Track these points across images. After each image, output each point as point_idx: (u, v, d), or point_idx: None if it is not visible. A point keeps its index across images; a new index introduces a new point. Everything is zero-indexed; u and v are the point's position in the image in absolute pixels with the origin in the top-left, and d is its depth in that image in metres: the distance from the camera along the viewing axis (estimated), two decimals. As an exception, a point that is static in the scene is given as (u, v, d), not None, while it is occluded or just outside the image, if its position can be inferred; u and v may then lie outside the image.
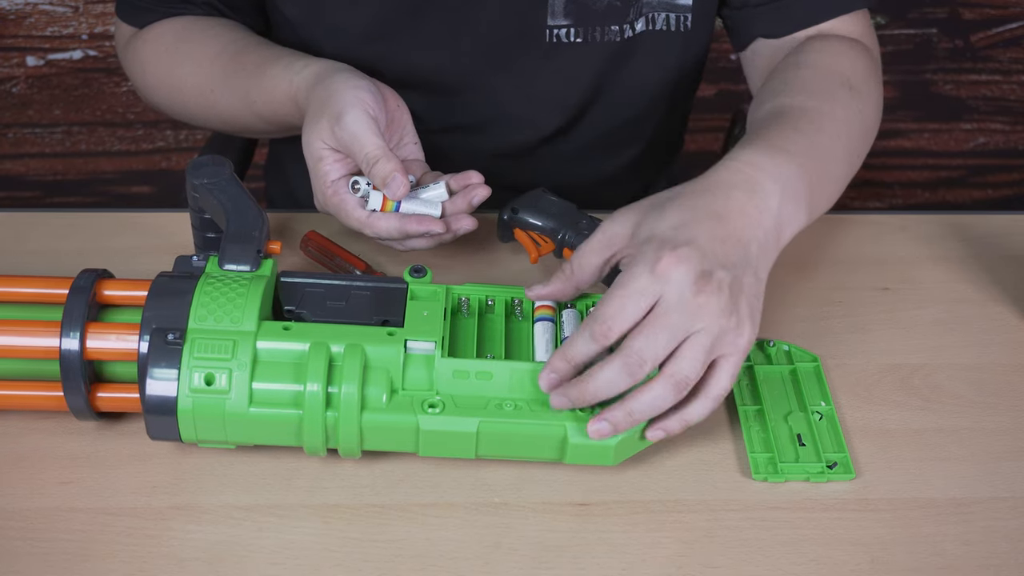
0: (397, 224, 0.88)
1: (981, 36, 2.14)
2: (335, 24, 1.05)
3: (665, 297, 0.75)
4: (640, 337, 0.75)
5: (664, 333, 0.75)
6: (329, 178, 0.90)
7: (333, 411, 0.75)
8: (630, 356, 0.74)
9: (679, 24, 1.07)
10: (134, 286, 0.80)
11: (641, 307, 0.75)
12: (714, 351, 0.76)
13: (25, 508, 0.77)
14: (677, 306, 0.75)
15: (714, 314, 0.75)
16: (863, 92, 0.99)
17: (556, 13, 1.05)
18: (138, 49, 1.09)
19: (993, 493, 0.81)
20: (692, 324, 0.75)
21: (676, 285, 0.75)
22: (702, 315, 0.75)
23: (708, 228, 0.79)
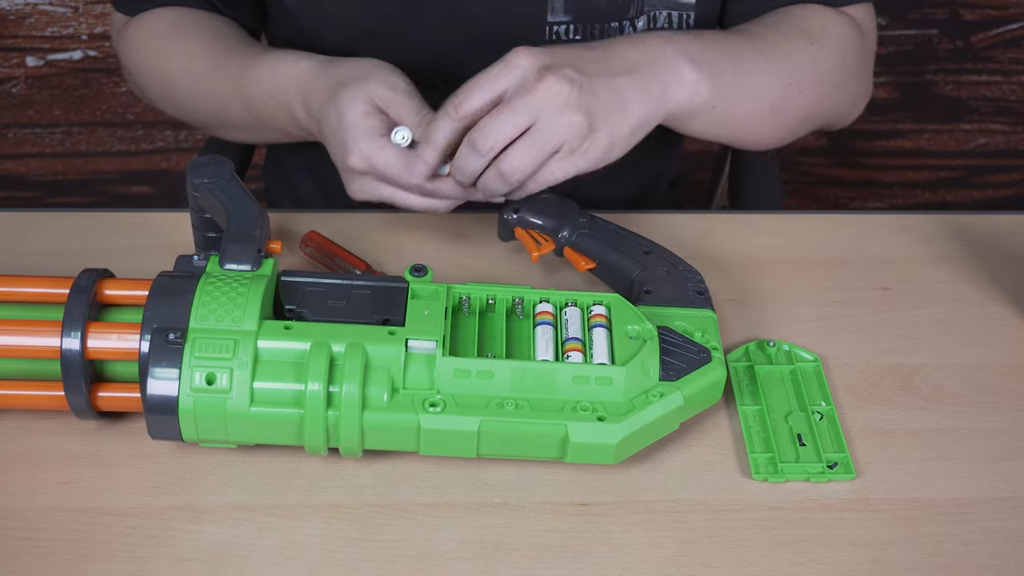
0: (462, 193, 0.88)
1: (981, 37, 2.14)
2: (336, 16, 1.05)
3: (511, 84, 0.83)
4: (485, 119, 0.83)
5: (505, 113, 0.82)
6: (380, 132, 0.88)
7: (334, 410, 0.75)
8: (474, 132, 0.82)
9: (681, 22, 1.07)
10: (135, 286, 0.80)
11: (487, 94, 0.84)
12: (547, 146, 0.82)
13: (25, 508, 0.77)
14: (519, 90, 0.82)
15: (553, 103, 0.82)
16: (824, 46, 1.03)
17: (556, 9, 1.05)
18: (131, 35, 1.09)
19: (993, 493, 0.81)
20: (532, 107, 0.82)
21: (520, 71, 0.83)
22: (541, 100, 0.82)
23: (579, 50, 0.87)
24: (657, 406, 0.79)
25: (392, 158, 0.87)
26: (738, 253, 1.01)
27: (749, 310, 0.95)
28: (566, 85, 0.83)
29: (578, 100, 0.83)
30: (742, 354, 0.91)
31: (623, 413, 0.78)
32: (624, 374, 0.78)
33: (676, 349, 0.82)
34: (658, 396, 0.79)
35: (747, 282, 0.98)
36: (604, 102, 0.85)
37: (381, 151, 0.87)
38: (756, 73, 0.98)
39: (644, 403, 0.78)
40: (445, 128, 0.85)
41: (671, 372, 0.81)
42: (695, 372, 0.81)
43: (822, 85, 1.03)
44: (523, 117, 0.83)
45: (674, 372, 0.81)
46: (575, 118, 0.83)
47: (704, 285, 0.89)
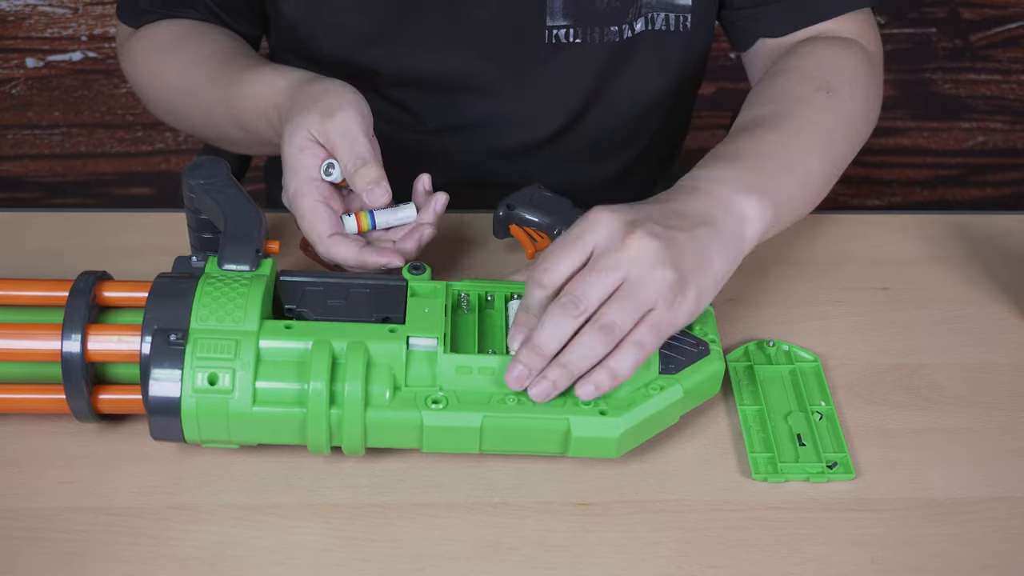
0: (356, 255, 0.86)
1: (980, 36, 2.14)
2: (335, 23, 1.05)
3: (597, 243, 0.79)
4: (574, 281, 0.78)
5: (594, 274, 0.78)
6: (307, 173, 0.87)
7: (337, 409, 0.75)
8: (563, 296, 0.78)
9: (679, 24, 1.07)
10: (134, 287, 0.80)
11: (576, 256, 0.79)
12: (644, 300, 0.78)
13: (25, 508, 0.77)
14: (607, 249, 0.79)
15: (644, 259, 0.78)
16: (841, 91, 0.99)
17: (555, 13, 1.05)
18: (133, 47, 1.09)
19: (993, 493, 0.81)
20: (622, 266, 0.78)
21: (606, 229, 0.79)
22: (628, 253, 0.78)
23: (654, 206, 0.83)
24: (657, 399, 0.79)
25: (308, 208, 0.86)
26: (738, 253, 1.01)
27: (749, 310, 0.95)
28: (654, 241, 0.79)
29: (666, 255, 0.79)
30: (742, 354, 0.91)
31: (624, 407, 0.78)
32: (624, 369, 0.78)
33: (675, 343, 0.83)
34: (658, 389, 0.79)
35: (747, 282, 0.98)
36: (690, 256, 0.81)
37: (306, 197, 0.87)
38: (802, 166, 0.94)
39: (644, 396, 0.79)
40: (539, 298, 0.80)
41: (670, 365, 0.81)
42: (694, 365, 0.81)
43: (854, 128, 1.01)
44: (616, 276, 0.78)
45: (673, 365, 0.81)
46: (666, 273, 0.79)
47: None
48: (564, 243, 0.80)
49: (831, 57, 1.03)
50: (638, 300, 0.77)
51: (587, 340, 0.77)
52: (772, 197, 0.87)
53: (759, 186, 0.87)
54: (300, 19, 1.07)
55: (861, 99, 1.02)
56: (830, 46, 1.05)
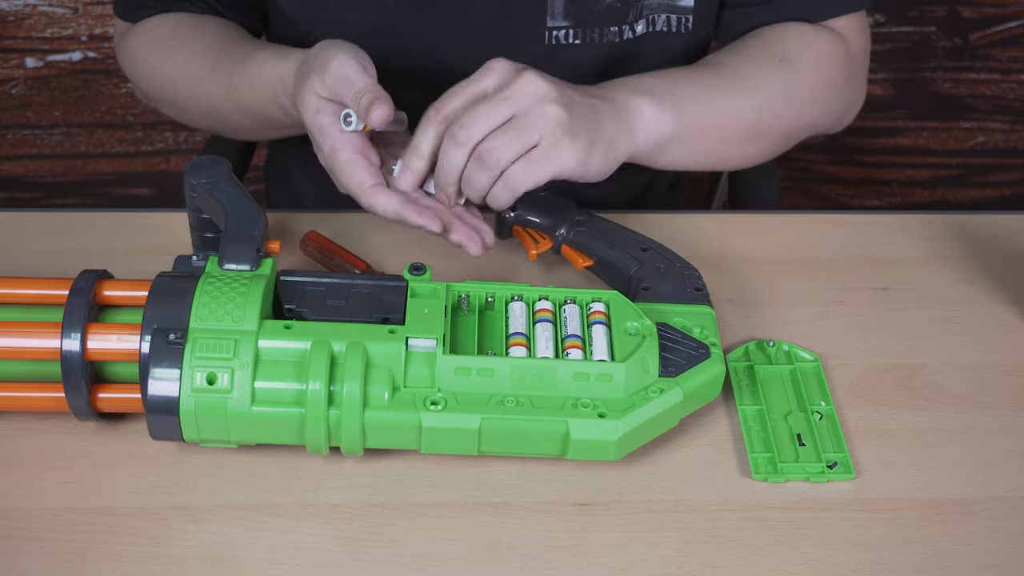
0: (397, 207, 0.87)
1: (980, 35, 2.14)
2: (335, 21, 1.05)
3: (491, 84, 0.85)
4: (465, 112, 0.84)
5: (484, 105, 0.84)
6: (332, 131, 0.87)
7: (335, 409, 0.75)
8: (453, 126, 0.83)
9: (680, 25, 1.07)
10: (134, 286, 0.80)
11: (471, 93, 0.85)
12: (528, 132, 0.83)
13: (25, 508, 0.77)
14: (499, 86, 0.84)
15: (534, 95, 0.84)
16: (797, 65, 1.04)
17: (555, 14, 1.05)
18: (131, 41, 1.09)
19: (993, 493, 0.81)
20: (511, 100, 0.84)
21: (499, 73, 0.86)
22: (521, 93, 0.84)
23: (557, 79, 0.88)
24: (657, 402, 0.79)
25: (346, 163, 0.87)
26: (738, 253, 1.01)
27: (749, 310, 0.95)
28: (545, 81, 0.85)
29: (557, 95, 0.85)
30: (742, 354, 0.91)
31: (623, 409, 0.78)
32: (624, 370, 0.78)
33: (675, 345, 0.83)
34: (658, 392, 0.79)
35: (747, 282, 0.98)
36: (580, 107, 0.87)
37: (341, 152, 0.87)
38: (721, 101, 0.99)
39: (644, 399, 0.79)
40: (429, 133, 0.86)
41: (670, 368, 0.81)
42: (694, 368, 0.81)
43: (797, 105, 1.04)
44: (503, 109, 0.84)
45: (673, 368, 0.81)
46: (555, 109, 0.84)
47: (701, 281, 0.89)
48: (458, 86, 0.86)
49: (801, 36, 1.06)
50: (520, 129, 0.82)
51: (471, 171, 0.84)
52: (674, 111, 0.93)
53: (662, 97, 0.93)
54: (299, 17, 1.07)
55: (816, 79, 1.05)
56: (808, 29, 1.07)
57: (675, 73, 0.99)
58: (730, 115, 1.00)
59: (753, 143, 1.02)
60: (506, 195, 0.86)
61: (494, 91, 0.85)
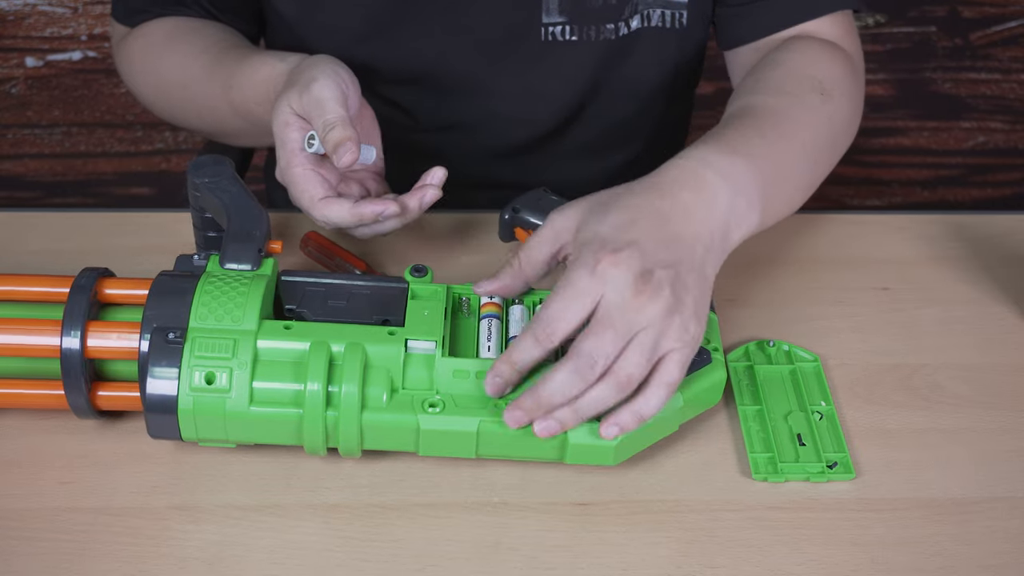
0: (348, 211, 0.86)
1: (980, 35, 2.14)
2: (331, 22, 1.05)
3: (606, 297, 0.75)
4: (589, 339, 0.74)
5: (609, 333, 0.74)
6: (293, 145, 0.88)
7: (333, 410, 0.75)
8: (580, 358, 0.74)
9: (675, 21, 1.07)
10: (135, 285, 0.80)
11: (582, 308, 0.75)
12: (659, 349, 0.76)
13: (25, 508, 0.77)
14: (618, 307, 0.75)
15: (657, 313, 0.75)
16: (835, 96, 0.98)
17: (551, 11, 1.05)
18: (128, 44, 1.09)
19: (993, 493, 0.81)
20: (635, 323, 0.75)
21: (615, 285, 0.75)
22: (644, 314, 0.75)
23: (651, 228, 0.78)
24: None
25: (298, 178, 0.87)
26: (738, 253, 1.01)
27: (749, 310, 0.95)
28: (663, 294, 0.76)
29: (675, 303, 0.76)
30: (742, 354, 0.91)
31: (623, 414, 0.77)
32: (624, 374, 0.78)
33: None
34: None
35: (747, 282, 0.98)
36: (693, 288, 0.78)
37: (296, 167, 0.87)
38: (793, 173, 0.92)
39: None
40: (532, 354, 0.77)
41: None
42: (695, 373, 0.81)
43: (842, 136, 1.00)
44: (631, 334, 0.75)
45: None
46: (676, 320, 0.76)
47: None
48: (567, 295, 0.76)
49: (823, 58, 1.03)
50: (652, 349, 0.75)
51: (602, 390, 0.75)
52: (762, 203, 0.85)
53: (750, 190, 0.85)
54: (296, 18, 1.07)
55: (849, 106, 1.01)
56: (820, 47, 1.04)
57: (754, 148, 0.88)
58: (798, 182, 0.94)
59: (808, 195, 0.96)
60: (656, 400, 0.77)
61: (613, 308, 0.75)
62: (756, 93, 0.96)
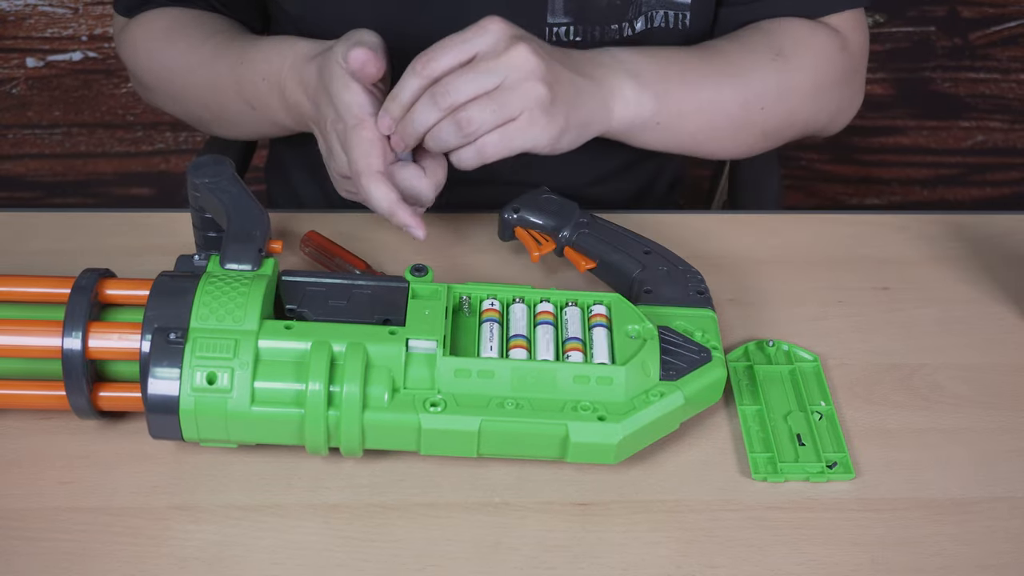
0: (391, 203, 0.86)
1: (980, 34, 2.14)
2: (335, 19, 1.05)
3: (481, 48, 0.83)
4: (451, 76, 0.83)
5: (471, 73, 0.82)
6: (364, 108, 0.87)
7: (335, 410, 0.75)
8: (438, 86, 0.82)
9: (678, 21, 1.07)
10: (136, 285, 0.80)
11: (458, 54, 0.84)
12: (509, 108, 0.82)
13: (25, 508, 0.77)
14: (489, 53, 0.83)
15: (522, 68, 0.83)
16: (792, 61, 1.03)
17: (556, 11, 1.05)
18: (132, 31, 1.10)
19: (993, 493, 0.81)
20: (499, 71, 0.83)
21: (493, 36, 0.84)
22: (511, 65, 0.83)
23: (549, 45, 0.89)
24: (657, 406, 0.79)
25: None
26: (738, 253, 1.01)
27: (749, 310, 0.95)
28: (535, 57, 0.85)
29: (545, 73, 0.85)
30: (741, 354, 0.91)
31: (624, 413, 0.78)
32: (624, 374, 0.78)
33: (676, 349, 0.82)
34: (659, 396, 0.79)
35: (747, 282, 0.98)
36: (564, 86, 0.87)
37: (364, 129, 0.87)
38: (707, 89, 0.99)
39: (644, 403, 0.78)
40: (411, 85, 0.85)
41: (671, 372, 0.81)
42: (695, 372, 0.81)
43: (789, 100, 1.04)
44: (489, 79, 0.83)
45: (674, 372, 0.81)
46: (540, 88, 0.84)
47: (704, 285, 0.89)
48: (450, 40, 0.84)
49: (799, 32, 1.06)
50: (502, 104, 0.81)
51: (443, 127, 0.82)
52: (656, 96, 0.93)
53: (647, 77, 0.93)
54: (301, 16, 1.07)
55: (811, 74, 1.04)
56: (805, 24, 1.07)
57: (667, 54, 0.98)
58: (716, 105, 1.00)
59: (735, 134, 1.02)
60: (474, 159, 0.86)
61: (483, 55, 0.84)
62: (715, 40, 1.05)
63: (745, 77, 1.01)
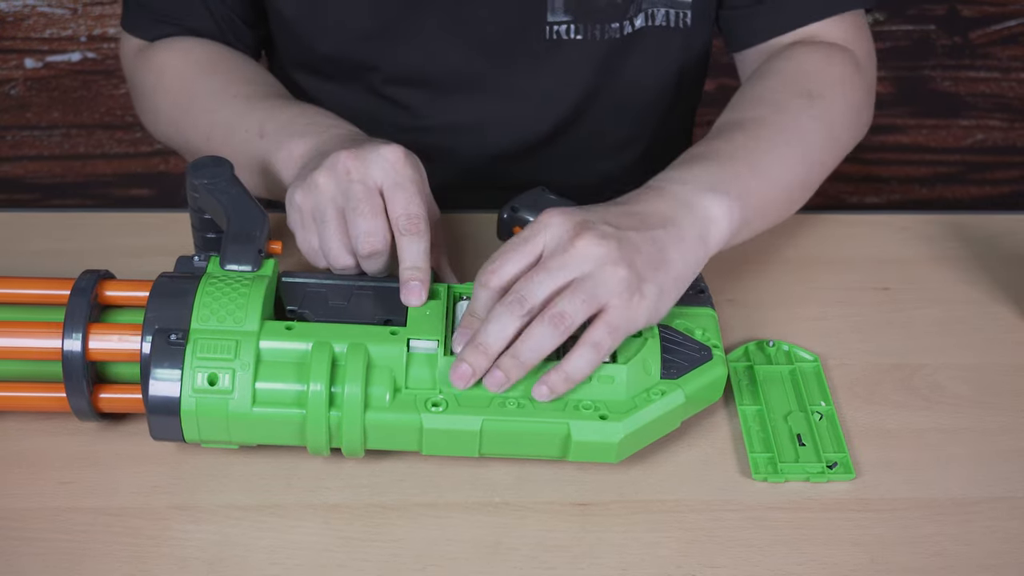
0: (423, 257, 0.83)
1: (979, 33, 2.14)
2: (332, 20, 1.05)
3: (547, 245, 0.78)
4: (521, 281, 0.77)
5: (542, 273, 0.76)
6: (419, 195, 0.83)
7: (336, 411, 0.75)
8: (510, 295, 0.76)
9: (678, 20, 1.07)
10: (136, 287, 0.80)
11: (523, 258, 0.78)
12: (597, 297, 0.76)
13: (25, 508, 0.77)
14: (555, 250, 0.77)
15: (595, 259, 0.76)
16: (825, 98, 0.99)
17: (556, 9, 1.05)
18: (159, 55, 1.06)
19: (993, 493, 0.81)
20: (569, 264, 0.76)
21: (555, 230, 0.78)
22: (580, 255, 0.76)
23: (609, 207, 0.82)
24: (659, 404, 0.79)
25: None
26: (738, 253, 1.01)
27: (749, 310, 0.95)
28: (604, 242, 0.77)
29: (618, 254, 0.77)
30: (742, 354, 0.91)
31: (625, 411, 0.78)
32: (625, 372, 0.78)
33: (677, 347, 0.82)
34: (660, 394, 0.79)
35: (747, 282, 0.98)
36: (646, 256, 0.79)
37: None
38: (775, 167, 0.92)
39: (646, 401, 0.79)
40: (484, 299, 0.79)
41: (672, 370, 0.81)
42: (696, 370, 0.81)
43: (835, 139, 1.00)
44: (562, 275, 0.77)
45: (675, 370, 0.81)
46: (619, 271, 0.77)
47: (704, 283, 0.89)
48: (511, 245, 0.79)
49: (816, 62, 1.03)
50: (590, 294, 0.76)
51: (537, 331, 0.75)
52: (741, 199, 0.86)
53: (726, 187, 0.85)
54: (296, 16, 1.06)
55: (844, 105, 1.01)
56: (817, 51, 1.04)
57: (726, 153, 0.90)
58: (786, 177, 0.94)
59: (805, 194, 0.98)
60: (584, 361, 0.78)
61: (549, 253, 0.78)
62: (739, 108, 0.98)
63: (796, 136, 0.95)
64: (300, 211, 0.84)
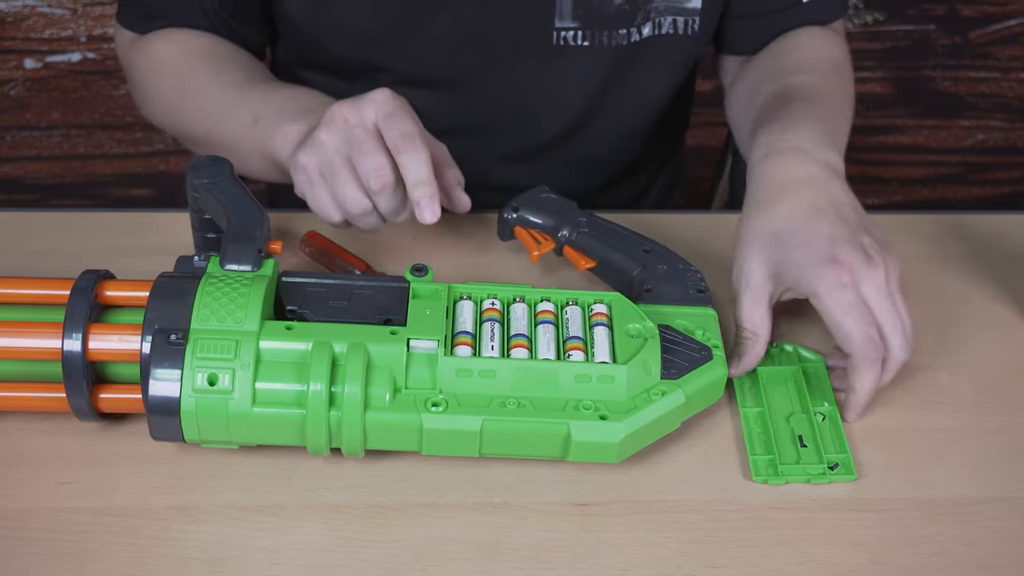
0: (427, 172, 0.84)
1: (979, 33, 2.14)
2: (341, 23, 1.05)
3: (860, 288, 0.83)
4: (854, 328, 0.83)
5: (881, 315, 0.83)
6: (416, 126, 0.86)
7: (336, 410, 0.75)
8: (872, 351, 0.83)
9: (687, 28, 1.07)
10: (136, 287, 0.80)
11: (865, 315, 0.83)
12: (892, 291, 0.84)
13: (25, 508, 0.77)
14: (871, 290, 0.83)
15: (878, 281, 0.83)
16: (843, 68, 1.09)
17: (564, 15, 1.05)
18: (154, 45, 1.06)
19: (993, 493, 0.81)
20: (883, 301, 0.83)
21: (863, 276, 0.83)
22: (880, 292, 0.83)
23: (830, 220, 0.85)
24: (659, 404, 0.79)
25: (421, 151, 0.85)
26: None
27: (749, 310, 0.95)
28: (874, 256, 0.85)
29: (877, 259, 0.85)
30: (742, 354, 0.91)
31: (625, 411, 0.78)
32: (626, 372, 0.78)
33: (677, 347, 0.82)
34: (660, 394, 0.79)
35: (747, 281, 0.98)
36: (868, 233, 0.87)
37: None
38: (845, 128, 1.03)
39: (646, 401, 0.78)
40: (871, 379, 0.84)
41: (672, 370, 0.81)
42: (697, 370, 0.81)
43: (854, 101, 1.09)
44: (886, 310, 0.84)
45: (676, 370, 0.81)
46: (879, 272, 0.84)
47: (704, 283, 0.89)
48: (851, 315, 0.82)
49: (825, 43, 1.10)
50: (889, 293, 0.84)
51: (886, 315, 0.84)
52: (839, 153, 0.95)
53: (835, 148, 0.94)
54: (305, 19, 1.06)
55: (851, 76, 1.10)
56: (821, 34, 1.11)
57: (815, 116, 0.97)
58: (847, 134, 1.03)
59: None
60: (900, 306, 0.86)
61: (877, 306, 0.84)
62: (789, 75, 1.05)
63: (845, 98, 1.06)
64: (306, 170, 0.86)
